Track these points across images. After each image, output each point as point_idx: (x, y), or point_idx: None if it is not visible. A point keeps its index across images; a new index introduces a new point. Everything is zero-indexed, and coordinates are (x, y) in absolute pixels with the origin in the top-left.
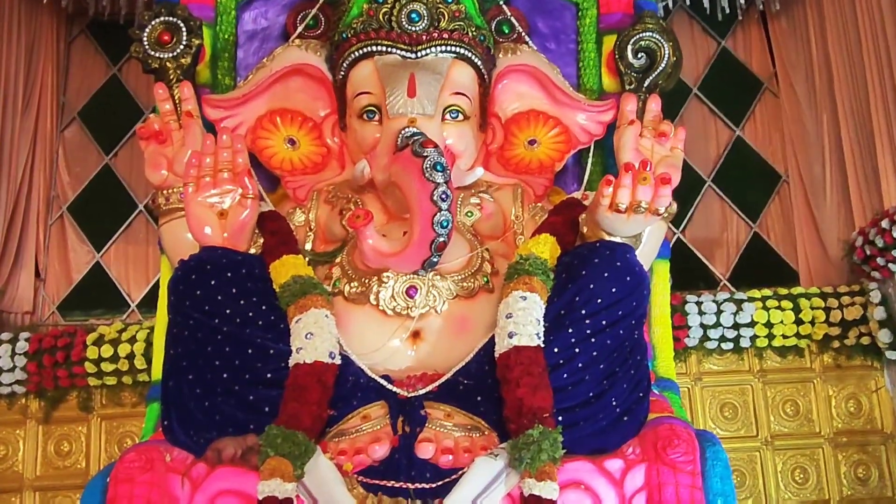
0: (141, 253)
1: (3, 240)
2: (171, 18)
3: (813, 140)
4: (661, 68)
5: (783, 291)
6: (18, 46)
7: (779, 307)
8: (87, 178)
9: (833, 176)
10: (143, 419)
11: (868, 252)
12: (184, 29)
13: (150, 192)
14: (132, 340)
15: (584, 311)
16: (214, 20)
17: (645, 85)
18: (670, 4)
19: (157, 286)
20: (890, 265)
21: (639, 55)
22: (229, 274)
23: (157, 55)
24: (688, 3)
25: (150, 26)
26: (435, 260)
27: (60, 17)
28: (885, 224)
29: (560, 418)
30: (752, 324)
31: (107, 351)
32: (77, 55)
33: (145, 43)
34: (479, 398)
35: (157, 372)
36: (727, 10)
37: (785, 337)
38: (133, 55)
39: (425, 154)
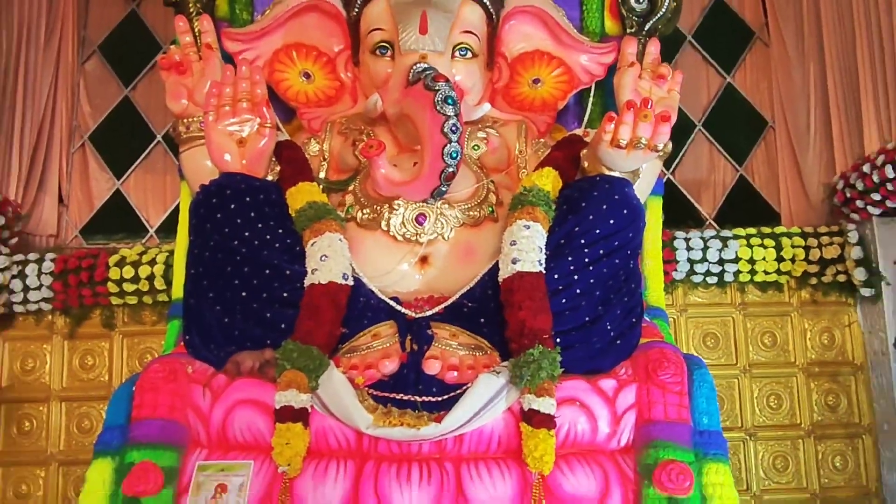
0: (159, 181)
1: (28, 166)
2: None
3: (800, 88)
4: (661, 13)
5: (766, 230)
6: None
7: (761, 245)
8: (108, 110)
9: (817, 123)
10: (163, 337)
11: (848, 195)
12: None
13: (170, 122)
14: (152, 263)
15: (583, 241)
16: None
17: (645, 29)
18: None
19: (174, 212)
20: (869, 207)
21: (640, 0)
22: (248, 199)
23: None
24: None
25: None
26: (444, 189)
27: None
28: (866, 168)
29: (558, 340)
30: (736, 260)
31: (128, 272)
32: None
33: None
34: (482, 320)
35: (177, 291)
36: None
37: (766, 273)
38: None
39: (437, 88)
